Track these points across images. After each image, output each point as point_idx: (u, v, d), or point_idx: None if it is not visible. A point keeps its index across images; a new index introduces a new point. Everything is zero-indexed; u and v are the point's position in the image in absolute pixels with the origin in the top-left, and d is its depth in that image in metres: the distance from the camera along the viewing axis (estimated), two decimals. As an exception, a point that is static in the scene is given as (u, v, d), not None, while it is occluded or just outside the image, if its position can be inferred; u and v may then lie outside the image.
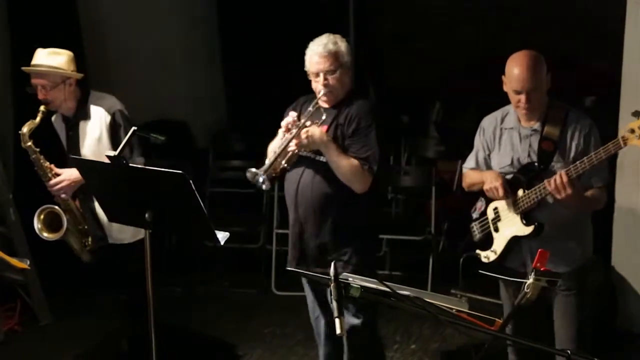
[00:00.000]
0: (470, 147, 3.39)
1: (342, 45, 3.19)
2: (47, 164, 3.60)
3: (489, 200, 3.24)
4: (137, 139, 3.50)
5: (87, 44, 5.44)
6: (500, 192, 3.08)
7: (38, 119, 3.52)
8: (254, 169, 3.03)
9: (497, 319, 2.36)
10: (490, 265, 3.22)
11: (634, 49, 4.20)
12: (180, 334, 4.44)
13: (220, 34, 7.04)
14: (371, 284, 2.24)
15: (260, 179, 3.01)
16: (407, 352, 4.31)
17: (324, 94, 3.17)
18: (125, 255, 3.61)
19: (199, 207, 2.63)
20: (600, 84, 5.59)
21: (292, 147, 3.13)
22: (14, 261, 3.14)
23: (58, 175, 3.60)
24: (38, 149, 3.57)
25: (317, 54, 3.16)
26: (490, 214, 3.25)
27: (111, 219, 3.30)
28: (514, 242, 3.15)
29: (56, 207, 3.61)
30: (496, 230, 3.22)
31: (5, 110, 5.28)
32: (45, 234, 3.64)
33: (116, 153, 2.80)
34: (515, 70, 3.01)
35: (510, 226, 3.14)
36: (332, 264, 2.11)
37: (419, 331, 4.53)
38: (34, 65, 3.53)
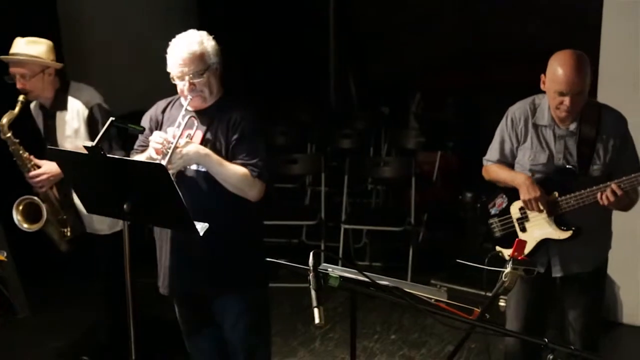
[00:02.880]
0: (449, 138, 3.37)
1: (209, 44, 2.87)
2: (27, 154, 3.55)
3: (512, 198, 3.10)
4: (115, 132, 3.43)
5: (65, 35, 5.37)
6: (542, 207, 2.95)
7: (17, 109, 3.46)
8: None
9: (475, 309, 2.37)
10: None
11: (611, 41, 4.24)
12: (160, 325, 4.41)
13: (199, 26, 7.00)
14: (351, 274, 2.26)
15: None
16: (387, 342, 4.34)
17: (192, 99, 2.82)
18: (102, 247, 3.62)
19: (178, 198, 2.61)
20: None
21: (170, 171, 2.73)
22: (-10, 254, 3.11)
23: (38, 166, 3.56)
24: (17, 140, 3.52)
25: (179, 57, 2.80)
26: (516, 213, 3.10)
27: (89, 210, 3.27)
28: (542, 243, 3.05)
29: (35, 197, 3.58)
30: (523, 230, 3.08)
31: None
32: (25, 225, 3.60)
33: (94, 144, 2.76)
34: (560, 70, 2.81)
35: (541, 228, 3.02)
36: (311, 253, 2.12)
37: (398, 321, 4.57)
38: (13, 54, 3.47)
